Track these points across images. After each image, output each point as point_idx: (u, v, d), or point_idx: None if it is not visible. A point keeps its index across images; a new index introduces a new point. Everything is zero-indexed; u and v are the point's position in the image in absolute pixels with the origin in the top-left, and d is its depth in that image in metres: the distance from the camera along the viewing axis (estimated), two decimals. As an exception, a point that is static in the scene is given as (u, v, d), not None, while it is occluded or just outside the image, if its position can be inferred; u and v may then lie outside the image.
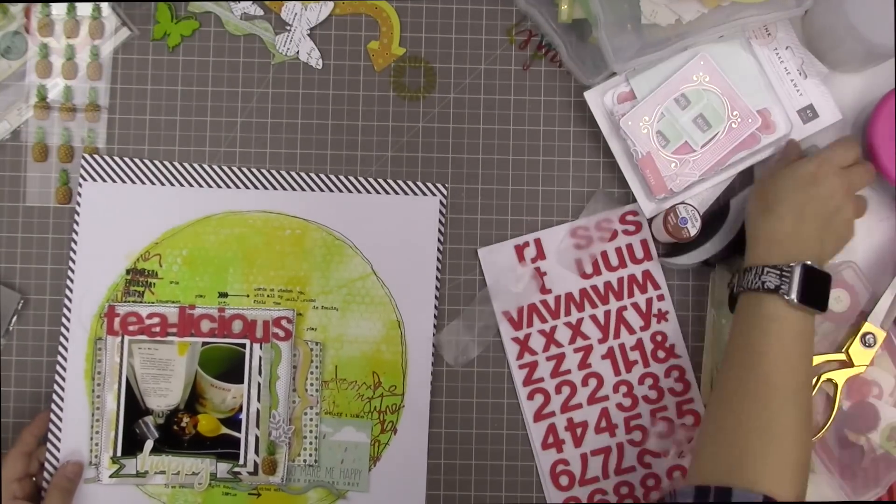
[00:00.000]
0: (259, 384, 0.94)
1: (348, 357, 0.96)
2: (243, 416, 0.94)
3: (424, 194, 0.97)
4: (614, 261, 0.97)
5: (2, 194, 0.97)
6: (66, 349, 0.95)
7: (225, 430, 0.95)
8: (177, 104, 0.98)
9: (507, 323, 0.96)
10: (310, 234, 0.97)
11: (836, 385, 0.92)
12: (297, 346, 0.96)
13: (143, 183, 0.96)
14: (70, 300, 0.95)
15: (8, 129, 0.96)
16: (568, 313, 0.97)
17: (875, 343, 0.92)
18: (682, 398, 0.97)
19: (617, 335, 0.97)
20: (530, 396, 0.96)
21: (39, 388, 0.96)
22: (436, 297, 0.97)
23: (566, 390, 0.96)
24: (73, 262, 0.95)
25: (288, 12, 0.98)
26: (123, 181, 0.96)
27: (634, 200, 0.96)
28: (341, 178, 0.97)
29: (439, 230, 0.97)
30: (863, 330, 0.92)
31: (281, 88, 0.98)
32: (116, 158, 0.96)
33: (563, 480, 0.96)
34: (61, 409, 0.94)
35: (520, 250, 0.97)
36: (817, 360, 0.92)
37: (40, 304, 0.96)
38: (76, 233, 0.96)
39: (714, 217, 0.95)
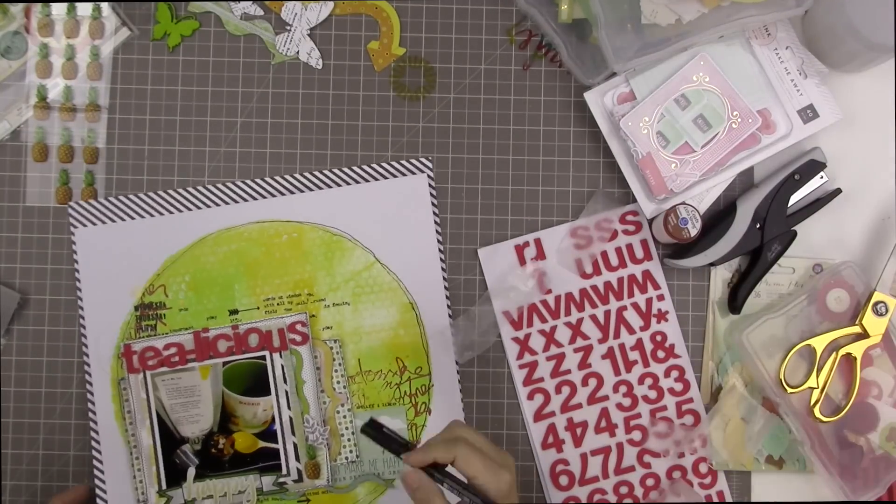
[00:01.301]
0: (286, 392, 0.94)
1: (369, 348, 0.96)
2: (277, 426, 0.94)
3: (413, 173, 0.97)
4: (614, 261, 0.97)
5: (2, 194, 0.97)
6: (92, 394, 0.95)
7: (262, 444, 0.95)
8: (177, 104, 0.98)
9: (507, 323, 0.96)
10: (306, 235, 0.97)
11: (854, 358, 0.93)
12: (317, 348, 0.96)
13: (132, 219, 0.96)
14: (87, 346, 0.95)
15: (8, 129, 0.96)
16: (568, 313, 0.97)
17: (887, 311, 0.92)
18: (681, 398, 0.97)
19: (617, 335, 0.97)
20: (530, 396, 0.96)
21: (39, 388, 0.96)
22: (443, 269, 0.97)
23: (566, 390, 0.96)
24: (82, 308, 0.95)
25: (288, 12, 0.98)
26: (113, 220, 0.96)
27: (634, 200, 0.96)
28: (325, 172, 0.97)
29: (432, 203, 0.97)
30: (874, 299, 0.93)
31: (281, 88, 0.98)
32: (102, 200, 0.96)
33: (563, 480, 0.96)
34: (100, 453, 0.95)
35: (520, 250, 0.97)
36: (833, 335, 0.93)
37: (40, 304, 0.96)
38: (79, 280, 0.96)
39: (719, 218, 0.95)
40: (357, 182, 0.97)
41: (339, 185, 0.97)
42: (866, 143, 0.98)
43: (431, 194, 0.97)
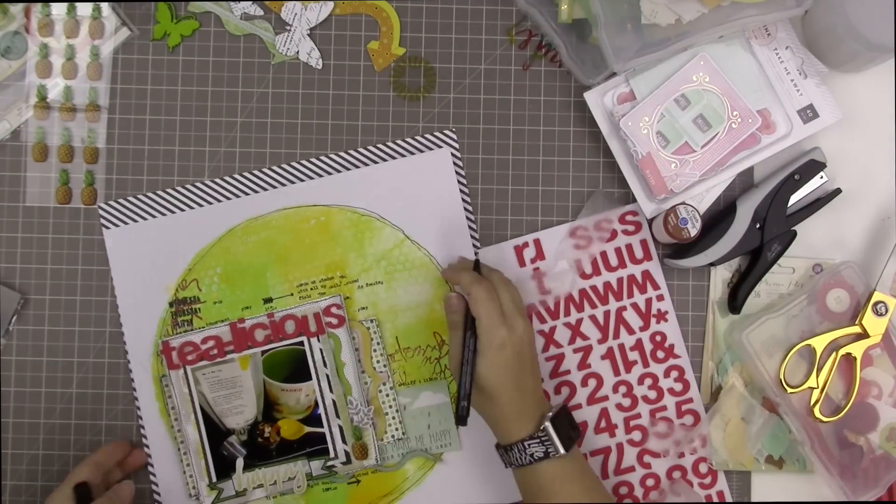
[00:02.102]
0: (327, 376, 0.94)
1: (406, 325, 0.96)
2: (321, 410, 0.95)
3: (438, 147, 0.97)
4: (614, 261, 0.97)
5: (2, 194, 0.97)
6: (135, 390, 0.96)
7: (308, 429, 0.95)
8: (177, 104, 0.98)
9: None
10: (334, 217, 0.97)
11: (854, 358, 0.93)
12: (354, 329, 0.96)
13: (161, 215, 0.96)
14: (126, 345, 0.96)
15: (8, 129, 0.96)
16: (567, 314, 0.97)
17: (887, 311, 0.93)
18: (681, 398, 0.97)
19: (616, 335, 0.97)
20: (530, 397, 0.96)
21: (39, 388, 0.96)
22: (473, 238, 0.96)
23: (566, 391, 0.96)
24: (118, 307, 0.96)
25: (288, 12, 0.97)
26: (144, 218, 0.96)
27: (634, 200, 0.96)
28: (349, 153, 0.97)
29: (458, 174, 0.97)
30: (873, 299, 0.93)
31: (281, 88, 0.98)
32: (130, 199, 0.96)
33: (563, 480, 0.96)
34: (149, 450, 0.95)
35: (519, 251, 0.97)
36: (833, 335, 0.93)
37: (40, 304, 0.96)
38: (112, 279, 0.96)
39: (719, 218, 0.95)
40: (382, 161, 0.97)
41: (363, 165, 0.97)
42: (866, 143, 0.98)
43: (456, 164, 0.97)
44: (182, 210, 0.97)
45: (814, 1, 0.90)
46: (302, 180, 0.97)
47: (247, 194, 0.97)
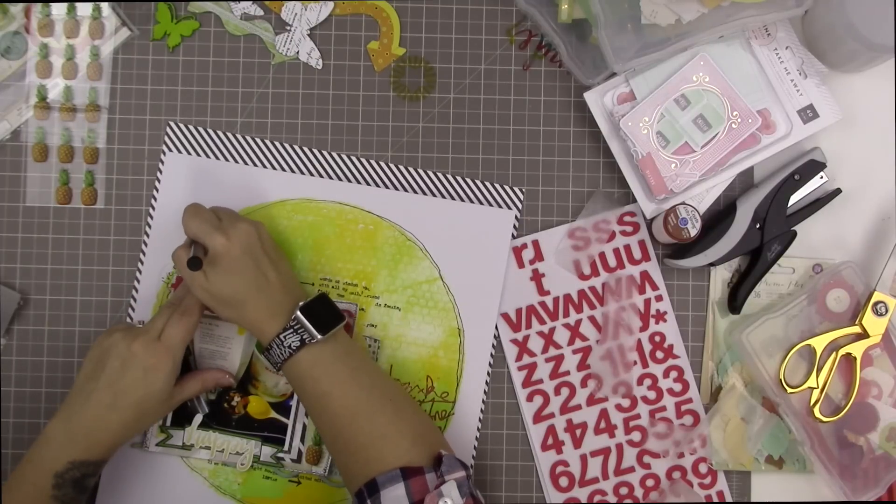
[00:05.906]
0: None
1: (404, 358, 0.96)
2: (293, 402, 0.95)
3: (501, 205, 0.96)
4: (612, 262, 0.97)
5: (2, 194, 0.97)
6: (135, 300, 0.95)
7: (274, 415, 0.95)
8: (177, 104, 0.98)
9: (506, 324, 0.96)
10: (382, 231, 0.96)
11: (854, 358, 0.93)
12: (356, 341, 0.95)
13: (225, 160, 0.96)
14: (142, 262, 0.95)
15: (8, 129, 0.96)
16: (566, 314, 0.97)
17: (887, 311, 0.92)
18: (680, 398, 0.97)
19: (615, 336, 0.97)
20: (529, 398, 0.96)
21: (39, 388, 0.96)
22: (499, 309, 0.96)
23: (565, 391, 0.96)
24: (150, 226, 0.96)
25: (288, 12, 0.97)
26: (208, 155, 0.96)
27: (634, 201, 0.96)
28: (420, 172, 0.97)
29: (512, 240, 0.97)
30: (873, 299, 0.93)
31: (281, 88, 0.98)
32: (200, 129, 0.97)
33: (563, 481, 0.96)
34: None
35: (518, 252, 0.97)
36: (833, 335, 0.93)
37: (40, 304, 0.96)
38: (155, 199, 0.96)
39: (719, 218, 0.95)
40: (449, 196, 0.97)
41: (430, 194, 0.97)
42: (866, 143, 0.98)
43: (513, 234, 0.96)
44: (246, 163, 0.96)
45: (814, 1, 0.90)
46: (369, 183, 0.97)
47: (312, 174, 0.97)
